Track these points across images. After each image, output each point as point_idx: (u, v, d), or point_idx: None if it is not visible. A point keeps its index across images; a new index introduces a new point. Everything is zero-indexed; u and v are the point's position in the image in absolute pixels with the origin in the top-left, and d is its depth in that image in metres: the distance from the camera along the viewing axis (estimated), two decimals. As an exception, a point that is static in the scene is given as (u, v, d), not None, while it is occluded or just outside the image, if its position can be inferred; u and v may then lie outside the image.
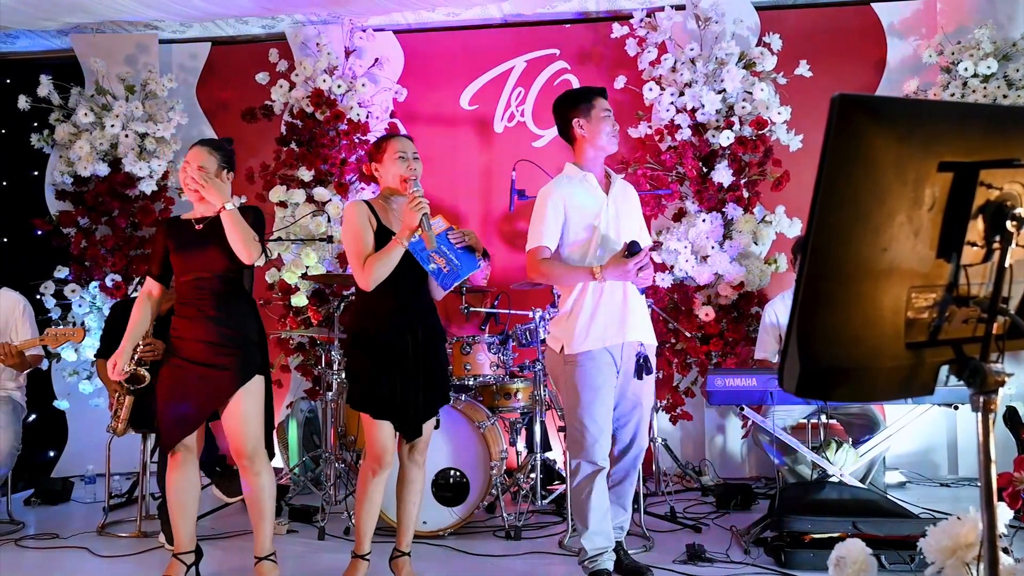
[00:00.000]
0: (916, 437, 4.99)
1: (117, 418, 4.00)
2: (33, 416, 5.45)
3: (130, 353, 3.26)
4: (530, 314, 4.19)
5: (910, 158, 1.10)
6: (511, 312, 4.45)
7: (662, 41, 5.20)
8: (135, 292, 5.31)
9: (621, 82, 5.24)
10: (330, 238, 5.19)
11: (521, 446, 4.69)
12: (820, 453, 3.67)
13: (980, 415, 1.15)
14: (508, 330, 4.34)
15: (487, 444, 3.90)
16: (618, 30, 5.27)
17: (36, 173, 5.81)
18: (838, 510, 3.35)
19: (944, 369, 1.20)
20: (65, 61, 5.84)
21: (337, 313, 4.58)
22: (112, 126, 5.42)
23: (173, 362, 3.08)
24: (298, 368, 5.54)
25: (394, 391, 3.01)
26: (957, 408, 3.68)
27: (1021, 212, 1.14)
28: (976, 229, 1.15)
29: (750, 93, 5.06)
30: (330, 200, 5.36)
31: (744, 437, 5.19)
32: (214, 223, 3.10)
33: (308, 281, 5.22)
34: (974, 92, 4.94)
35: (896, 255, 1.11)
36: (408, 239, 2.96)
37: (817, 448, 3.73)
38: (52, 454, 5.70)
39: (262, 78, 5.50)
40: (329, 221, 5.31)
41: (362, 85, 5.50)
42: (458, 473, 3.90)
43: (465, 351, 4.19)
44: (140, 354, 4.03)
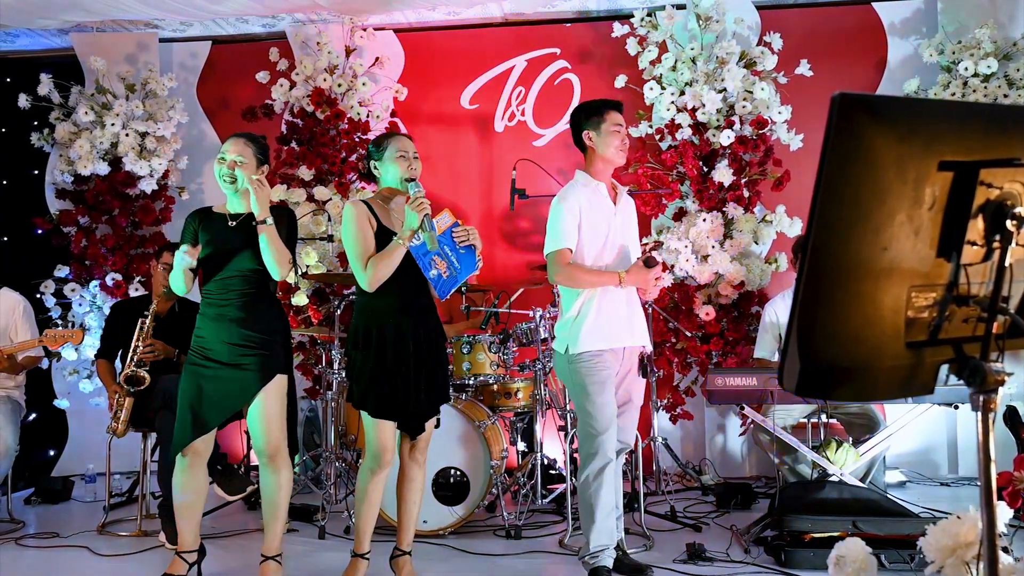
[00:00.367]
0: (916, 436, 4.99)
1: (117, 419, 4.01)
2: (33, 415, 5.46)
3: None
4: (531, 313, 4.19)
5: (910, 157, 1.10)
6: (511, 311, 4.45)
7: (663, 40, 5.20)
8: (135, 291, 5.32)
9: (622, 81, 5.24)
10: (330, 237, 5.19)
11: (522, 445, 4.69)
12: (820, 452, 3.67)
13: (980, 414, 1.15)
14: (509, 329, 4.34)
15: (487, 443, 3.90)
16: (619, 29, 5.27)
17: (36, 172, 5.81)
18: (838, 509, 3.35)
19: (944, 368, 1.20)
20: (65, 60, 5.83)
21: (337, 312, 4.58)
22: (112, 125, 5.41)
23: (195, 362, 3.06)
24: (298, 367, 5.54)
25: (395, 390, 3.01)
26: (957, 407, 3.68)
27: (1021, 211, 1.14)
28: (976, 228, 1.15)
29: (751, 92, 5.06)
30: (330, 199, 5.36)
31: (741, 435, 5.19)
32: (247, 221, 3.07)
33: (308, 280, 5.22)
34: (975, 92, 4.94)
35: (896, 254, 1.11)
36: (410, 240, 2.96)
37: (817, 447, 3.73)
38: (52, 453, 5.70)
39: (262, 77, 5.50)
40: (329, 220, 5.30)
41: (362, 84, 5.50)
42: (458, 472, 3.90)
43: (465, 350, 4.19)
44: (140, 355, 4.04)
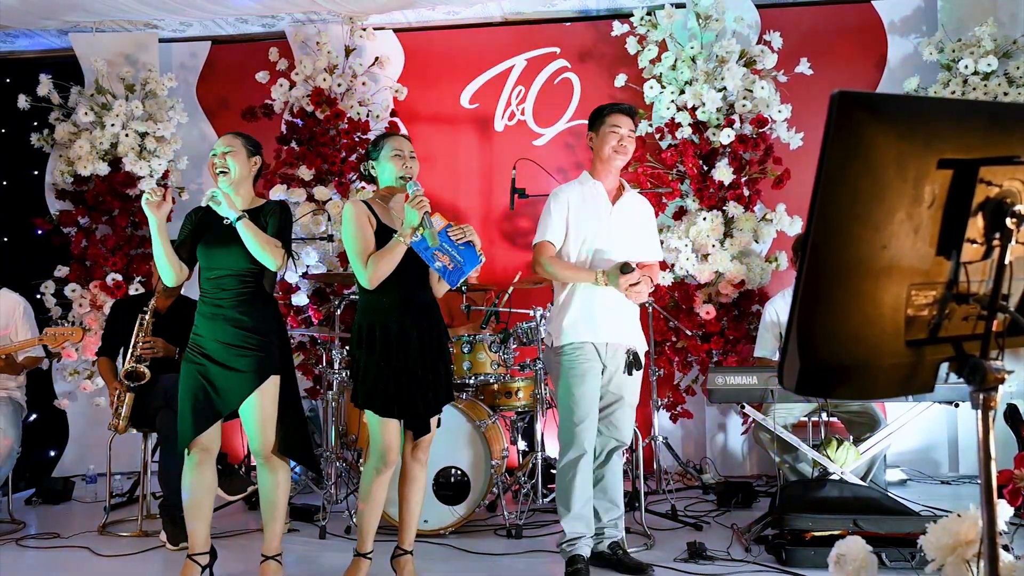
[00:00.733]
0: (917, 435, 4.99)
1: (118, 415, 4.01)
2: (34, 416, 5.46)
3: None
4: (531, 312, 4.19)
5: (910, 155, 1.09)
6: (512, 310, 4.44)
7: (662, 39, 5.19)
8: (136, 291, 5.32)
9: (621, 80, 5.24)
10: (330, 237, 5.19)
11: (522, 445, 4.69)
12: (821, 451, 3.67)
13: (980, 412, 1.15)
14: (509, 328, 4.34)
15: (488, 443, 3.90)
16: (618, 28, 5.27)
17: (36, 173, 5.81)
18: (839, 508, 3.35)
19: (944, 366, 1.20)
20: (65, 60, 5.83)
21: (338, 312, 4.58)
22: (112, 125, 5.41)
23: (192, 359, 3.08)
24: (299, 367, 5.54)
25: (401, 388, 3.01)
26: (958, 405, 3.68)
27: (1021, 209, 1.14)
28: (976, 226, 1.15)
29: (751, 91, 5.05)
30: (331, 199, 5.36)
31: (743, 434, 5.19)
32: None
33: (309, 280, 5.22)
34: (975, 90, 4.93)
35: (896, 252, 1.11)
36: (411, 238, 2.96)
37: (818, 446, 3.73)
38: (53, 454, 5.70)
39: (262, 77, 5.50)
40: (329, 220, 5.30)
41: (362, 84, 5.50)
42: (459, 472, 3.90)
43: (466, 350, 4.19)
44: (140, 351, 4.05)
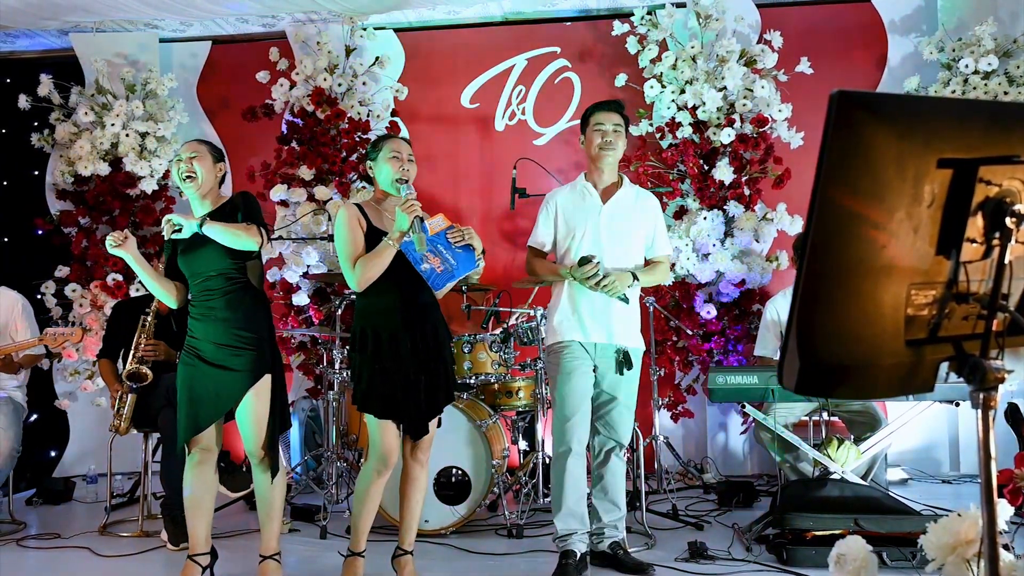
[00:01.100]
0: (918, 434, 4.99)
1: (120, 416, 4.02)
2: (34, 416, 5.46)
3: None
4: (532, 312, 4.19)
5: (910, 154, 1.09)
6: (512, 310, 4.44)
7: (663, 39, 5.19)
8: (137, 292, 5.32)
9: (622, 80, 5.24)
10: (331, 237, 5.19)
11: (523, 444, 4.69)
12: (822, 450, 3.67)
13: (980, 412, 1.15)
14: (509, 328, 4.34)
15: (489, 442, 3.90)
16: (619, 27, 5.27)
17: (36, 173, 5.81)
18: (840, 507, 3.35)
19: (944, 366, 1.20)
20: (65, 60, 5.83)
21: (338, 312, 4.58)
22: (112, 125, 5.41)
23: (188, 360, 3.09)
24: (300, 367, 5.54)
25: (396, 390, 3.00)
26: (958, 405, 3.68)
27: (1020, 208, 1.13)
28: (975, 226, 1.15)
29: (751, 90, 5.05)
30: (331, 199, 5.36)
31: (743, 433, 5.19)
32: (215, 220, 3.10)
33: (309, 280, 5.22)
34: (975, 89, 4.93)
35: (896, 252, 1.11)
36: (399, 241, 2.96)
37: (819, 445, 3.73)
38: (54, 454, 5.70)
39: (263, 77, 5.50)
40: (330, 220, 5.30)
41: (363, 84, 5.50)
42: (460, 471, 3.90)
43: (466, 350, 4.19)
44: (142, 353, 4.06)
